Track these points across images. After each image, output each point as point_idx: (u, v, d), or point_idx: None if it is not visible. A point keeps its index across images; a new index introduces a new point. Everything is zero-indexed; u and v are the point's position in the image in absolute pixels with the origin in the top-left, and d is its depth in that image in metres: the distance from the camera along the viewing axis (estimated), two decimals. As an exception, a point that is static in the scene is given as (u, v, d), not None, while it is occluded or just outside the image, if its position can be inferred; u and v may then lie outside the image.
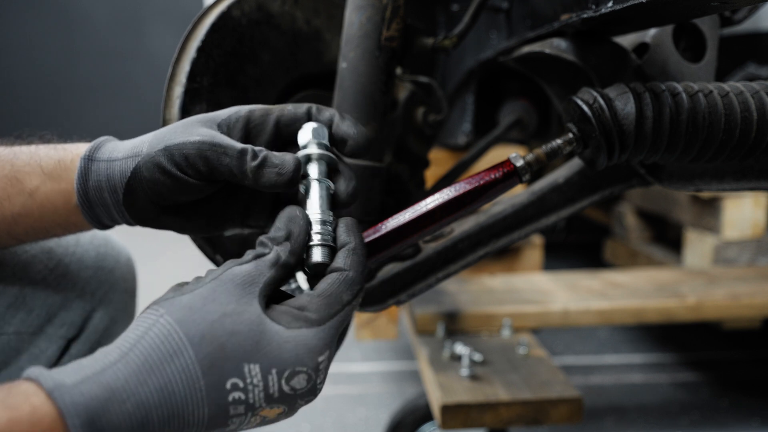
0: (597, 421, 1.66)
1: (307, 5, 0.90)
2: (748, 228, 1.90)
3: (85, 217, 0.63)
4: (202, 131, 0.57)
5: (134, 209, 0.60)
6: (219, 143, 0.55)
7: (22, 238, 0.66)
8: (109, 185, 0.60)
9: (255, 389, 0.47)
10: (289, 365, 0.48)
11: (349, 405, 1.77)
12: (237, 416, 0.47)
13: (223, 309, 0.48)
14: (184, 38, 0.81)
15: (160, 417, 0.44)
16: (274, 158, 0.55)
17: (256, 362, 0.47)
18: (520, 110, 1.54)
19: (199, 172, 0.56)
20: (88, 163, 0.61)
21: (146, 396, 0.44)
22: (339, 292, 0.51)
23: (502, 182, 0.64)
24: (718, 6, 0.64)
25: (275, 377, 0.47)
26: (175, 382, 0.45)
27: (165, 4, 4.93)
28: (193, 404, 0.45)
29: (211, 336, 0.46)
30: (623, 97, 0.67)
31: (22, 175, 0.62)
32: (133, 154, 0.59)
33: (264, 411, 0.48)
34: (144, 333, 0.46)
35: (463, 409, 1.07)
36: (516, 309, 1.43)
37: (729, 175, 0.81)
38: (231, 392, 0.46)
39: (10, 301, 0.75)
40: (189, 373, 0.45)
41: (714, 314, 1.54)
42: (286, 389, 0.48)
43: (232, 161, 0.55)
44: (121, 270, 0.88)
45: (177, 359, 0.45)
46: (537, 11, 0.85)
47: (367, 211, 0.82)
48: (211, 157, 0.55)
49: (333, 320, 0.50)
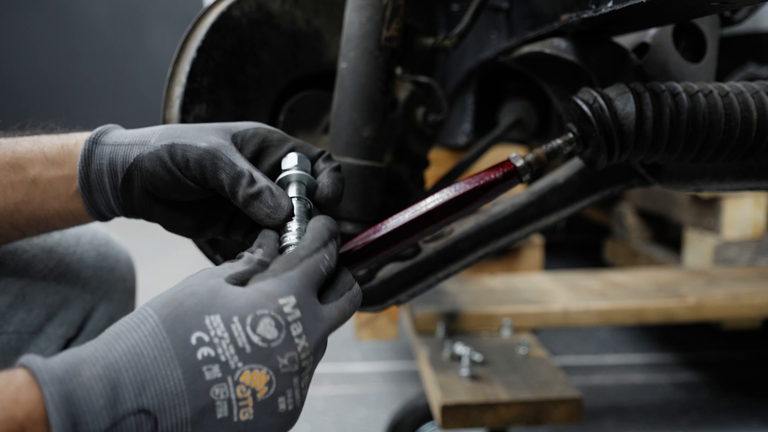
0: (597, 421, 1.66)
1: (307, 5, 0.90)
2: (749, 228, 1.90)
3: (84, 203, 0.63)
4: (212, 140, 0.58)
5: (130, 197, 0.61)
6: (221, 158, 0.57)
7: (23, 228, 0.66)
8: (110, 169, 0.61)
9: (222, 342, 0.46)
10: (249, 310, 0.47)
11: (349, 405, 1.77)
12: (216, 383, 0.45)
13: (187, 283, 0.49)
14: (184, 38, 0.81)
15: (131, 380, 0.44)
16: (269, 198, 0.57)
17: (216, 313, 0.47)
18: (520, 110, 1.54)
19: (196, 178, 0.58)
20: (92, 146, 0.62)
21: (115, 358, 0.44)
22: (295, 251, 0.53)
23: (502, 182, 0.64)
24: (718, 6, 0.64)
25: (239, 326, 0.47)
26: (142, 344, 0.45)
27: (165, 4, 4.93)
28: (164, 365, 0.44)
29: (171, 300, 0.47)
30: (623, 97, 0.67)
31: (24, 161, 0.62)
32: (140, 142, 0.60)
33: (245, 376, 0.46)
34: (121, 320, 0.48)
35: (463, 409, 1.07)
36: (516, 309, 1.43)
37: (729, 175, 0.81)
38: (198, 348, 0.45)
39: (10, 301, 0.75)
40: (155, 334, 0.45)
41: (714, 314, 1.54)
42: (255, 340, 0.47)
43: (227, 179, 0.57)
44: (121, 270, 0.88)
45: (143, 325, 0.46)
46: (537, 11, 0.85)
47: (367, 211, 0.82)
48: (209, 168, 0.57)
49: (291, 272, 0.50)
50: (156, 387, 0.44)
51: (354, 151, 0.81)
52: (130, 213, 0.64)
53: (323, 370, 1.98)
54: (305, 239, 0.55)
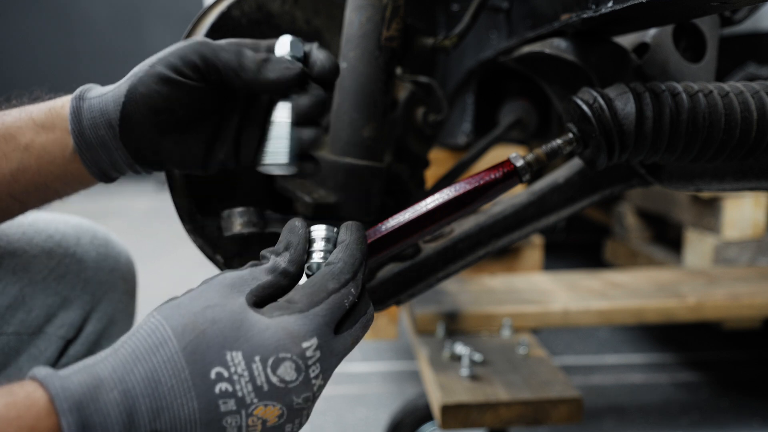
0: (597, 421, 1.66)
1: (307, 5, 0.90)
2: (748, 228, 1.90)
3: (84, 163, 0.62)
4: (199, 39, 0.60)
5: (132, 138, 0.60)
6: (209, 42, 0.58)
7: (23, 198, 0.65)
8: (104, 119, 0.60)
9: (241, 379, 0.46)
10: (272, 351, 0.46)
11: (349, 405, 1.77)
12: (230, 414, 0.46)
13: (206, 303, 0.48)
14: (184, 38, 0.81)
15: (147, 407, 0.44)
16: (278, 60, 0.59)
17: (238, 349, 0.46)
18: (520, 110, 1.54)
19: (197, 70, 0.57)
20: (79, 103, 0.61)
21: (133, 384, 0.44)
22: (324, 281, 0.50)
23: (502, 182, 0.64)
24: (718, 6, 0.64)
25: (260, 365, 0.46)
26: (160, 371, 0.45)
27: (165, 4, 4.93)
28: (180, 395, 0.45)
29: (193, 325, 0.46)
30: (623, 97, 0.67)
31: (13, 130, 0.62)
32: (127, 78, 0.60)
33: (259, 410, 0.47)
34: (135, 331, 0.47)
35: (463, 409, 1.07)
36: (516, 309, 1.43)
37: (729, 175, 0.81)
38: (217, 383, 0.45)
39: (9, 302, 0.75)
40: (174, 362, 0.45)
41: (714, 314, 1.54)
42: (274, 380, 0.46)
43: (229, 55, 0.57)
44: (121, 270, 0.88)
45: (162, 349, 0.45)
46: (537, 11, 0.85)
47: (367, 211, 0.82)
48: (208, 53, 0.57)
49: (318, 308, 0.49)
50: (170, 415, 0.44)
51: (354, 151, 0.81)
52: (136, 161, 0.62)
53: (323, 370, 1.98)
54: (337, 263, 0.52)
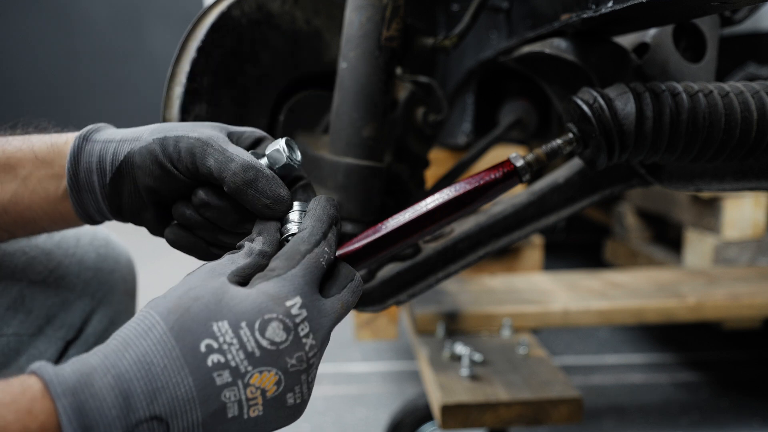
0: (597, 421, 1.66)
1: (307, 5, 0.90)
2: (748, 228, 1.90)
3: (72, 204, 0.62)
4: (205, 131, 0.57)
5: (119, 197, 0.60)
6: (212, 144, 0.56)
7: (10, 229, 0.65)
8: (99, 167, 0.59)
9: (231, 348, 0.46)
10: (256, 315, 0.47)
11: (349, 405, 1.77)
12: (227, 387, 0.46)
13: (189, 285, 0.49)
14: (184, 38, 0.81)
15: (143, 389, 0.44)
16: (266, 186, 0.55)
17: (223, 319, 0.47)
18: (520, 110, 1.54)
19: (187, 168, 0.56)
20: (82, 143, 0.60)
21: (125, 368, 0.44)
22: (296, 246, 0.52)
23: (502, 182, 0.64)
24: (718, 6, 0.64)
25: (247, 331, 0.47)
26: (151, 353, 0.45)
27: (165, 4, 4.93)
28: (174, 373, 0.45)
29: (177, 306, 0.47)
30: (623, 97, 0.67)
31: (14, 161, 0.62)
32: (132, 138, 0.59)
33: (255, 378, 0.47)
34: (125, 325, 0.48)
35: (463, 409, 1.07)
36: (516, 309, 1.43)
37: (729, 175, 0.81)
38: (208, 355, 0.46)
39: (9, 303, 0.75)
40: (163, 342, 0.46)
41: (714, 314, 1.54)
42: (264, 343, 0.47)
43: (215, 164, 0.55)
44: (121, 271, 0.88)
45: (151, 333, 0.46)
46: (537, 11, 0.85)
47: (367, 211, 0.82)
48: (199, 155, 0.55)
49: (294, 269, 0.50)
50: (167, 395, 0.45)
51: (354, 151, 0.81)
52: (118, 215, 0.63)
53: (323, 370, 1.98)
54: (305, 229, 0.54)
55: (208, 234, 0.60)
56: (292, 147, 0.59)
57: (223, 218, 0.58)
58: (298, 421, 1.66)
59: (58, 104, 4.97)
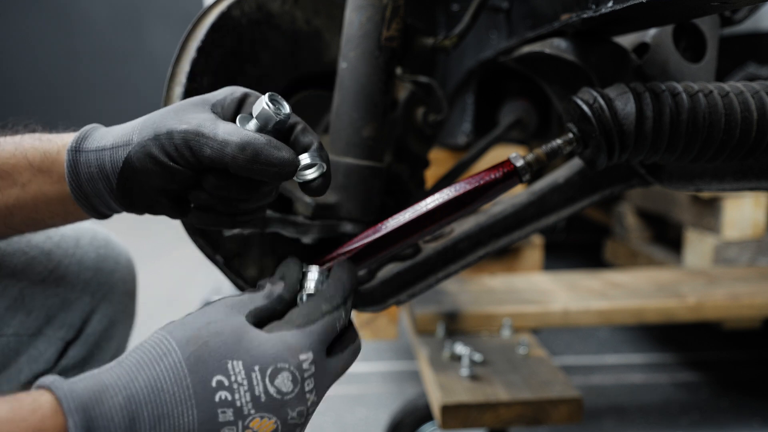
0: (597, 421, 1.66)
1: (307, 5, 0.90)
2: (748, 228, 1.90)
3: (82, 208, 0.63)
4: (190, 117, 0.56)
5: (130, 196, 0.60)
6: (204, 133, 0.55)
7: (21, 228, 0.66)
8: (101, 175, 0.59)
9: (240, 388, 0.48)
10: (271, 361, 0.49)
11: (349, 405, 1.77)
12: (227, 425, 0.47)
13: (209, 319, 0.51)
14: (184, 38, 0.81)
15: (149, 414, 0.45)
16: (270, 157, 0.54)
17: (239, 359, 0.49)
18: (520, 110, 1.54)
19: (188, 161, 0.56)
20: (76, 155, 0.60)
21: (136, 391, 0.45)
22: (318, 303, 0.55)
23: (502, 182, 0.64)
24: (718, 6, 0.64)
25: (258, 375, 0.49)
26: (163, 379, 0.46)
27: (165, 4, 4.93)
28: (181, 403, 0.46)
29: (196, 337, 0.49)
30: (623, 97, 0.67)
31: (8, 167, 0.62)
32: (123, 142, 0.58)
33: (255, 422, 0.48)
34: (139, 345, 0.49)
35: (463, 409, 1.07)
36: (516, 309, 1.43)
37: (729, 175, 0.81)
38: (217, 391, 0.47)
39: (9, 303, 0.75)
40: (176, 370, 0.47)
41: (714, 314, 1.54)
42: (272, 391, 0.49)
43: (213, 154, 0.54)
44: (121, 272, 0.88)
45: (166, 359, 0.47)
46: (537, 11, 0.85)
47: (367, 211, 0.82)
48: (194, 147, 0.55)
49: (313, 325, 0.53)
50: (171, 422, 0.46)
51: (354, 151, 0.81)
52: (131, 210, 0.63)
53: (323, 370, 1.98)
54: (328, 291, 0.56)
55: (229, 207, 0.60)
56: (277, 100, 0.58)
57: (238, 192, 0.58)
58: (298, 421, 1.66)
59: (58, 104, 4.97)
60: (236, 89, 0.61)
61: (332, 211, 0.81)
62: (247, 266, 0.85)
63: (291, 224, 0.80)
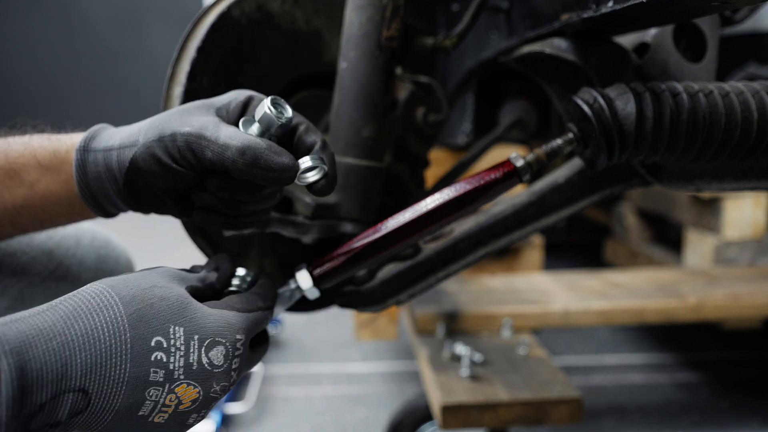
0: (597, 421, 1.66)
1: (307, 5, 0.90)
2: (749, 228, 1.90)
3: (89, 207, 0.64)
4: (194, 120, 0.58)
5: (136, 196, 0.62)
6: (206, 136, 0.56)
7: (27, 228, 0.67)
8: (108, 175, 0.61)
9: (177, 353, 0.49)
10: (211, 334, 0.51)
11: (349, 405, 1.77)
12: (155, 385, 0.48)
13: (154, 282, 0.52)
14: (184, 38, 0.81)
15: (82, 362, 0.45)
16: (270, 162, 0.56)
17: (181, 325, 0.50)
18: (520, 110, 1.54)
19: (190, 163, 0.57)
20: (84, 155, 0.61)
21: (71, 338, 0.45)
22: (254, 298, 0.58)
23: (502, 182, 0.64)
24: (718, 6, 0.64)
25: (197, 344, 0.50)
26: (101, 329, 0.47)
27: (165, 4, 4.93)
28: (116, 356, 0.47)
29: (142, 297, 0.50)
30: (623, 97, 0.67)
31: (17, 167, 0.63)
32: (129, 143, 0.60)
33: (181, 388, 0.49)
34: (76, 293, 0.49)
35: (463, 410, 1.07)
36: (516, 309, 1.43)
37: (729, 175, 0.81)
38: (154, 351, 0.48)
39: (9, 303, 0.75)
40: (116, 324, 0.48)
41: (714, 314, 1.54)
42: (204, 362, 0.50)
43: (213, 156, 0.56)
44: (121, 272, 0.88)
45: (106, 311, 0.48)
46: (537, 11, 0.85)
47: (367, 211, 0.82)
48: (196, 150, 0.56)
49: (251, 313, 0.56)
50: (102, 373, 0.46)
51: (354, 151, 0.81)
52: (137, 209, 0.64)
53: (323, 370, 1.98)
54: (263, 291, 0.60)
55: (232, 209, 0.62)
56: (279, 104, 0.59)
57: (240, 194, 0.60)
58: (298, 421, 1.66)
59: (58, 104, 4.97)
60: (241, 93, 0.62)
61: (332, 211, 0.81)
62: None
63: (291, 224, 0.80)
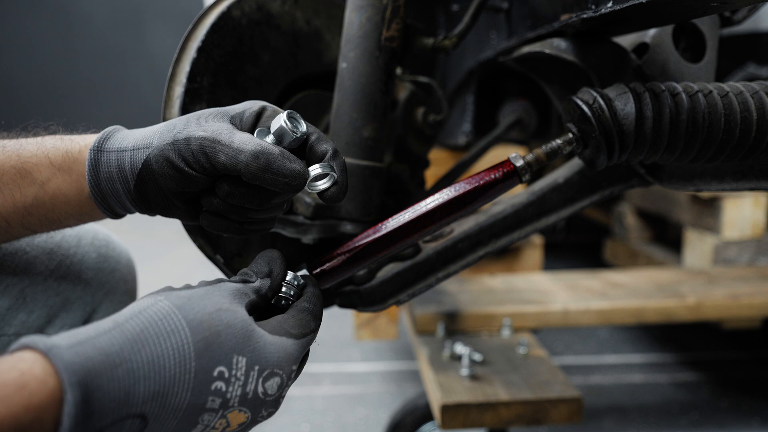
0: (597, 421, 1.66)
1: (307, 5, 0.90)
2: (748, 228, 1.90)
3: (98, 207, 0.64)
4: (209, 126, 0.58)
5: (146, 199, 0.62)
6: (220, 140, 0.57)
7: (36, 228, 0.67)
8: (120, 175, 0.61)
9: (236, 383, 0.49)
10: (270, 365, 0.51)
11: (349, 405, 1.77)
12: (209, 412, 0.48)
13: (219, 305, 0.51)
14: (185, 38, 0.81)
15: (146, 389, 0.44)
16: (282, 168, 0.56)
17: (245, 355, 0.50)
18: (520, 110, 1.54)
19: (203, 167, 0.58)
20: (97, 155, 0.62)
21: (138, 365, 0.44)
22: (308, 318, 0.57)
23: (502, 182, 0.64)
24: (718, 6, 0.64)
25: (256, 374, 0.50)
26: (167, 358, 0.46)
27: (165, 4, 4.93)
28: (179, 384, 0.46)
29: (209, 323, 0.49)
30: (623, 97, 0.67)
31: (29, 166, 0.63)
32: (143, 145, 0.60)
33: (232, 413, 0.50)
34: (142, 310, 0.48)
35: (463, 409, 1.07)
36: (516, 309, 1.43)
37: (729, 175, 0.82)
38: (216, 380, 0.48)
39: (10, 303, 0.75)
40: (183, 352, 0.46)
41: (714, 314, 1.54)
42: (259, 391, 0.51)
43: (227, 160, 0.56)
44: (121, 272, 0.88)
45: (173, 337, 0.47)
46: (537, 11, 0.85)
47: (367, 211, 0.82)
48: (211, 154, 0.57)
49: (305, 339, 0.55)
50: (162, 401, 0.45)
51: (354, 151, 0.81)
52: (146, 211, 0.65)
53: (323, 370, 1.98)
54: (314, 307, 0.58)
55: (240, 215, 0.62)
56: (295, 118, 0.60)
57: (250, 201, 0.60)
58: (299, 421, 1.66)
59: (59, 104, 4.97)
60: (255, 103, 0.63)
61: (332, 211, 0.81)
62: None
63: (291, 224, 0.80)
